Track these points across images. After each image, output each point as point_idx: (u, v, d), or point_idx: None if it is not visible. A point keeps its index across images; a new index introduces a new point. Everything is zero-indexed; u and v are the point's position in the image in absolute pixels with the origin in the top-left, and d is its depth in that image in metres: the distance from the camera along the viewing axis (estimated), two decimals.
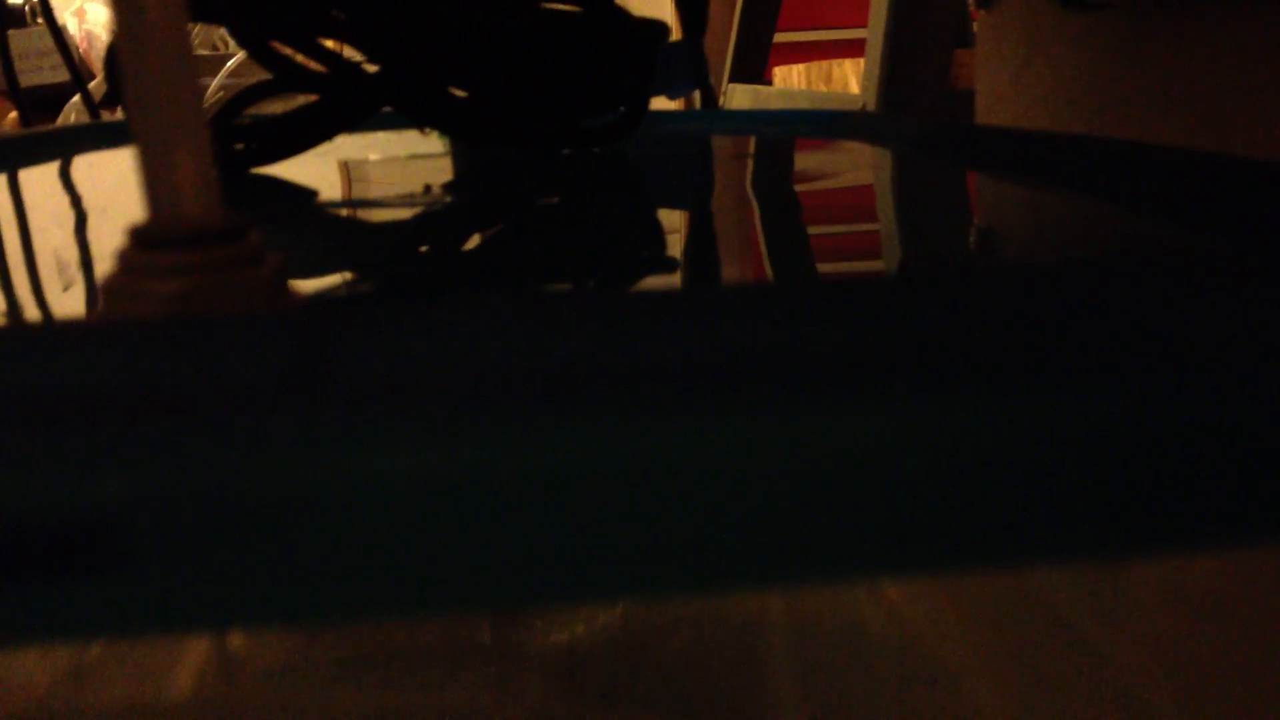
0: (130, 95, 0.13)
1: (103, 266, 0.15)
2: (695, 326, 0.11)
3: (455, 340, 0.11)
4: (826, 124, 0.42)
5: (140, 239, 0.13)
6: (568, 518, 0.09)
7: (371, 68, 0.36)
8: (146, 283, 0.13)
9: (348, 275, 0.20)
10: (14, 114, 1.39)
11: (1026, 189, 0.27)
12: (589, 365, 0.10)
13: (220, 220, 0.13)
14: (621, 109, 0.38)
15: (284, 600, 0.09)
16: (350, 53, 0.36)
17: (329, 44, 0.35)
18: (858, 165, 0.36)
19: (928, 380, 0.10)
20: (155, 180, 0.13)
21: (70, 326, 0.13)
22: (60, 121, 1.40)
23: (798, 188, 0.34)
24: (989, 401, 0.10)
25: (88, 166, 0.37)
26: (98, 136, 0.43)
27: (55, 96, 1.43)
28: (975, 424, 0.10)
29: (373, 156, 0.42)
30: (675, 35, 0.47)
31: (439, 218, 0.28)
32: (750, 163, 0.39)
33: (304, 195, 0.33)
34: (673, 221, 0.28)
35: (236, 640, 0.27)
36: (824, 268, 0.23)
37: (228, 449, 0.09)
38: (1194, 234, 0.20)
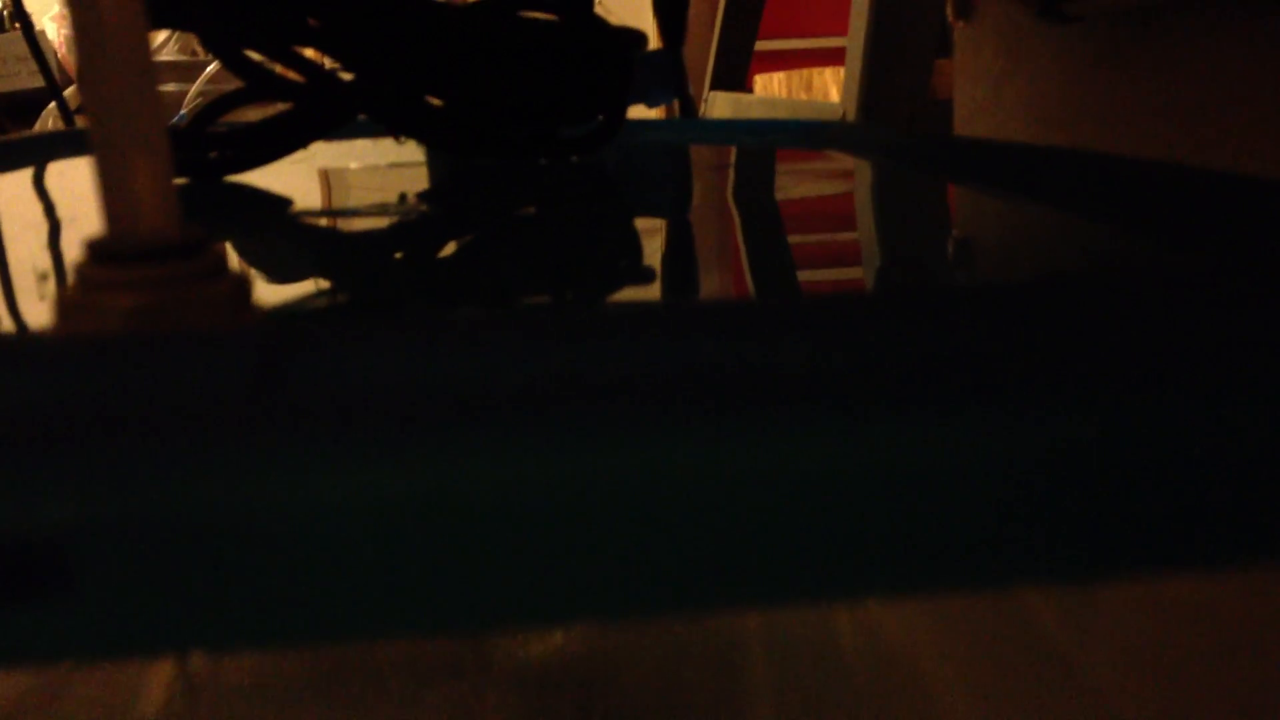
0: (88, 104, 0.13)
1: (63, 279, 0.14)
2: (666, 341, 0.11)
3: (415, 358, 0.11)
4: (805, 135, 0.42)
5: (98, 252, 0.13)
6: (532, 537, 0.09)
7: (347, 75, 0.35)
8: (103, 297, 0.13)
9: (313, 289, 0.20)
10: None
11: (1004, 201, 0.27)
12: (553, 382, 0.10)
13: (179, 233, 0.13)
14: (599, 118, 0.38)
15: (238, 623, 0.09)
16: (327, 61, 0.36)
17: (306, 52, 0.35)
18: (835, 177, 0.36)
19: (904, 396, 0.10)
20: (113, 192, 0.13)
21: (22, 341, 0.12)
22: (37, 128, 1.39)
23: (775, 199, 0.34)
24: (964, 417, 0.09)
25: (59, 174, 0.37)
26: (71, 143, 0.42)
27: (32, 102, 1.41)
28: (950, 440, 0.09)
29: (348, 165, 0.42)
30: (654, 44, 0.47)
31: (412, 228, 0.28)
32: (729, 173, 0.38)
33: (276, 205, 0.33)
34: (649, 232, 0.28)
35: (201, 658, 0.27)
36: (799, 280, 0.23)
37: (180, 470, 0.09)
38: (1171, 247, 0.20)
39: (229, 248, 0.22)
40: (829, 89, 1.05)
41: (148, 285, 0.13)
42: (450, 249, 0.26)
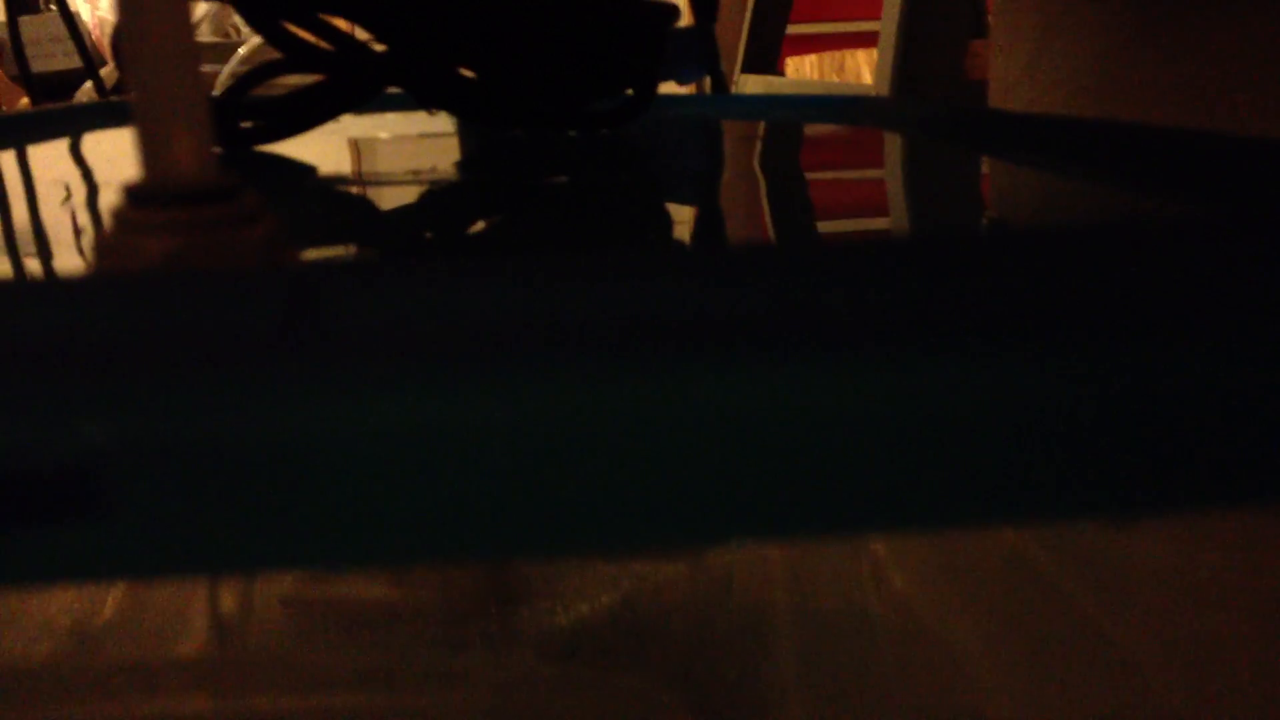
0: (127, 54, 0.13)
1: (100, 229, 0.14)
2: (688, 285, 0.11)
3: (447, 295, 0.11)
4: (838, 108, 0.41)
5: (135, 196, 0.13)
6: (556, 469, 0.09)
7: (380, 47, 0.35)
8: (140, 240, 0.13)
9: (343, 241, 0.20)
10: (25, 100, 1.40)
11: (1038, 171, 0.26)
12: (581, 320, 0.10)
13: (215, 179, 0.13)
14: (630, 92, 0.38)
15: (265, 545, 0.09)
16: (361, 32, 0.36)
17: (338, 23, 0.35)
18: (867, 148, 0.36)
19: (926, 341, 0.10)
20: (151, 137, 0.13)
21: (61, 281, 0.12)
22: None
23: (805, 169, 0.34)
24: (983, 363, 0.09)
25: (95, 143, 0.37)
26: (106, 114, 0.43)
27: (67, 83, 1.43)
28: (971, 384, 0.09)
29: (380, 136, 0.42)
30: (687, 21, 0.47)
31: (441, 193, 0.28)
32: (759, 145, 0.38)
33: (307, 171, 0.33)
34: (677, 201, 0.28)
35: (232, 601, 0.27)
36: (824, 236, 0.23)
37: (211, 396, 0.09)
38: (1202, 212, 0.20)
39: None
40: (861, 71, 1.04)
41: (183, 228, 0.13)
42: (478, 211, 0.26)
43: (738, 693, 0.24)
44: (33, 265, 0.16)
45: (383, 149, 0.39)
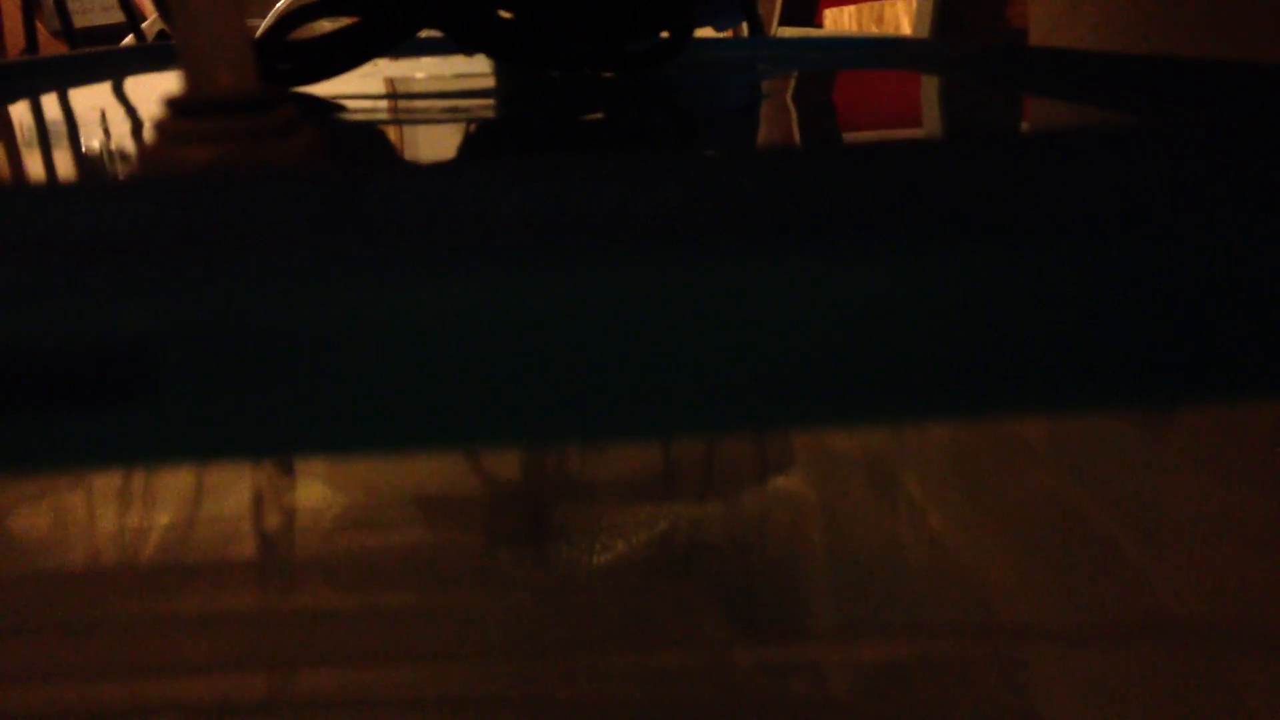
0: None
1: (141, 143, 0.15)
2: (717, 179, 0.11)
3: (483, 188, 0.11)
4: (875, 51, 0.41)
5: (177, 106, 0.13)
6: (586, 355, 0.10)
7: None
8: (182, 148, 0.13)
9: (377, 155, 0.20)
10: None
11: (1075, 106, 0.26)
12: (619, 212, 0.10)
13: (254, 90, 0.14)
14: (665, 34, 0.38)
15: (304, 430, 0.10)
16: None
17: None
18: (904, 87, 0.36)
19: (947, 232, 0.10)
20: (192, 48, 0.13)
21: (107, 181, 0.13)
22: None
23: (841, 108, 0.34)
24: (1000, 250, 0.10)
25: (136, 84, 0.38)
26: (148, 57, 0.43)
27: (109, 38, 1.44)
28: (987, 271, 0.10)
29: (416, 77, 0.42)
30: None
31: (473, 129, 0.28)
32: (793, 85, 0.38)
33: (344, 108, 0.33)
34: (709, 140, 0.28)
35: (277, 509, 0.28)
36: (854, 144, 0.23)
37: (254, 282, 0.09)
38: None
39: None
40: (900, 22, 1.03)
41: (223, 137, 0.13)
42: (510, 142, 0.26)
43: (773, 608, 0.24)
44: (82, 173, 0.17)
45: (418, 90, 0.40)
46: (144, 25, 1.05)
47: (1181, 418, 0.28)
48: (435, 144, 0.23)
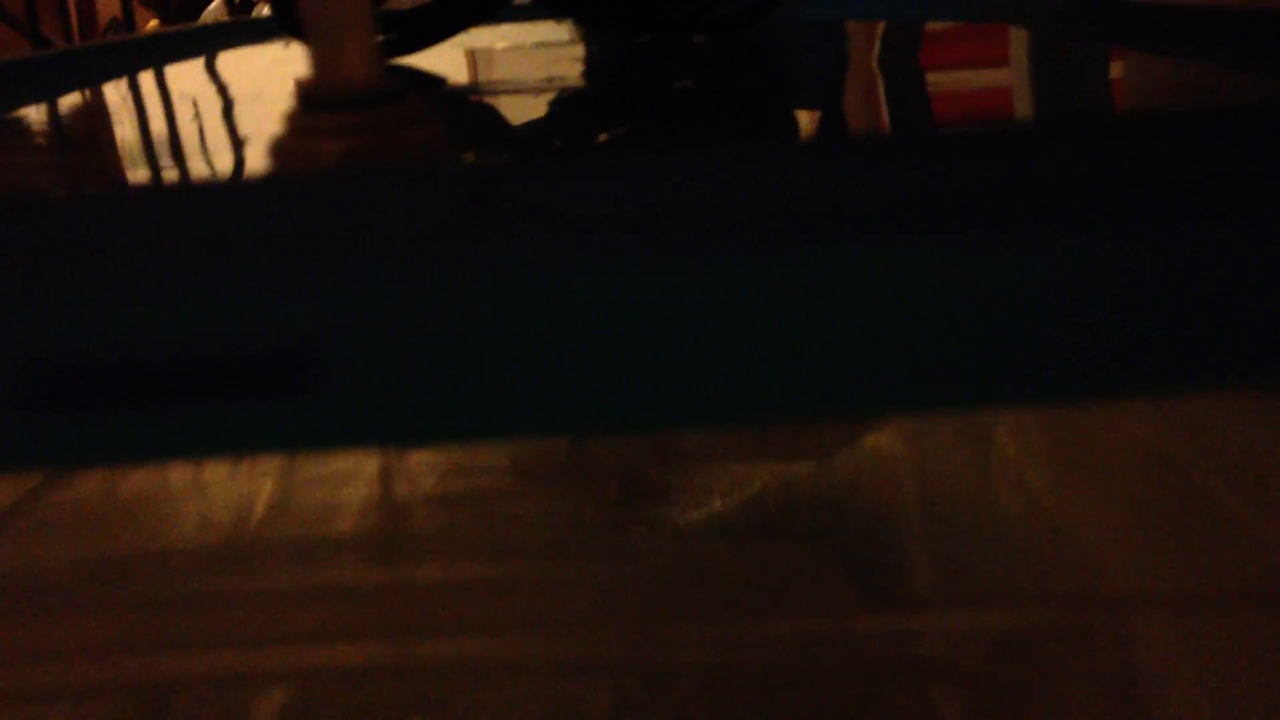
0: None
1: (265, 136, 0.15)
2: (816, 167, 0.11)
3: (619, 184, 0.11)
4: (968, 4, 0.40)
5: (308, 102, 0.14)
6: (717, 346, 0.10)
7: None
8: (315, 142, 0.14)
9: (501, 142, 0.20)
10: (154, 22, 1.43)
11: (1176, 59, 0.26)
12: (742, 206, 0.11)
13: (383, 84, 0.14)
14: None
15: (448, 420, 0.10)
16: None
17: None
18: (996, 42, 0.35)
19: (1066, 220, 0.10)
20: (322, 45, 0.14)
21: (250, 180, 0.13)
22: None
23: (929, 66, 0.34)
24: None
25: (236, 59, 0.39)
26: (244, 33, 0.44)
27: (195, 4, 1.46)
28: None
29: (500, 46, 0.42)
30: None
31: (579, 100, 0.29)
32: (882, 43, 0.38)
33: (455, 86, 0.34)
34: (803, 101, 0.28)
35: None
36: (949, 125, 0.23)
37: (408, 280, 0.10)
38: None
39: None
40: None
41: (356, 130, 0.14)
42: (617, 115, 0.26)
43: (875, 563, 0.25)
44: (220, 169, 0.17)
45: (514, 58, 0.40)
46: None
47: None
48: (551, 128, 0.23)
